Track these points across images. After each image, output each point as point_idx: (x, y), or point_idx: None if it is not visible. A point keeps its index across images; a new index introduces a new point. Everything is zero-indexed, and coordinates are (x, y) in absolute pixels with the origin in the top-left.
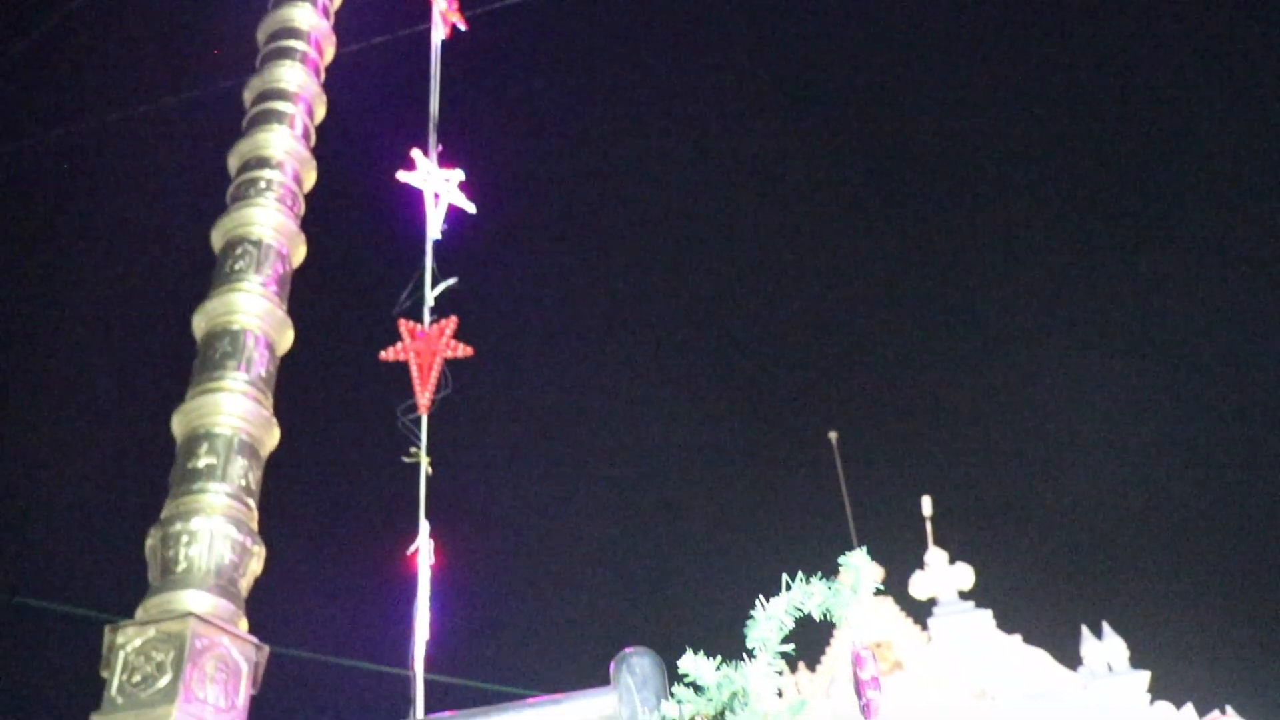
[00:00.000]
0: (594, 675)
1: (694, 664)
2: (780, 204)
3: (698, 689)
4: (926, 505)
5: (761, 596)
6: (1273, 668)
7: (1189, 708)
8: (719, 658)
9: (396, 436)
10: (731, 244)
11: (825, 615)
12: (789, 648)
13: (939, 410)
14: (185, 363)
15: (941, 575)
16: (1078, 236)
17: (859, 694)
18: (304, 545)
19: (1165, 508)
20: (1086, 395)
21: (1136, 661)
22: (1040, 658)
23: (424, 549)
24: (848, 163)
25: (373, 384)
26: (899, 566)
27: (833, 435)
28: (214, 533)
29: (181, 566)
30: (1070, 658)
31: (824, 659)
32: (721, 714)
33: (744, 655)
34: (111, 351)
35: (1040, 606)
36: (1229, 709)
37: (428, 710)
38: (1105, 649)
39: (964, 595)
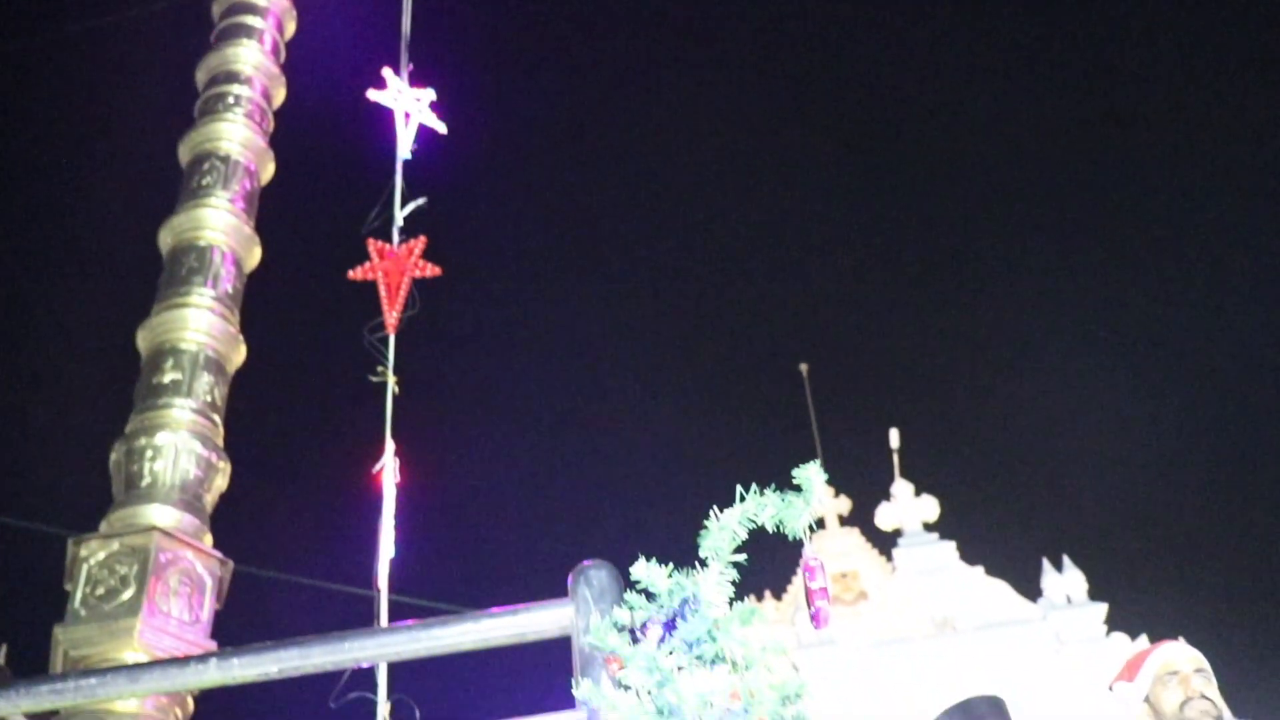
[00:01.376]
0: (554, 590)
1: (646, 571)
2: (757, 139)
3: (650, 596)
4: (894, 438)
5: (716, 508)
6: (1225, 601)
7: (1143, 639)
8: (671, 565)
9: (363, 355)
10: (707, 177)
11: (778, 527)
12: (741, 558)
13: (909, 344)
14: (151, 278)
15: (907, 507)
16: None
17: (809, 603)
18: (269, 462)
19: (1128, 445)
20: (1055, 332)
21: (1095, 594)
22: (1001, 589)
23: (389, 468)
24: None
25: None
26: (866, 498)
27: (803, 367)
28: (179, 448)
29: (146, 481)
30: (1031, 589)
31: (789, 588)
32: (673, 620)
33: (698, 566)
34: (76, 266)
35: (1003, 539)
36: (1181, 640)
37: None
38: (1065, 581)
39: (929, 527)
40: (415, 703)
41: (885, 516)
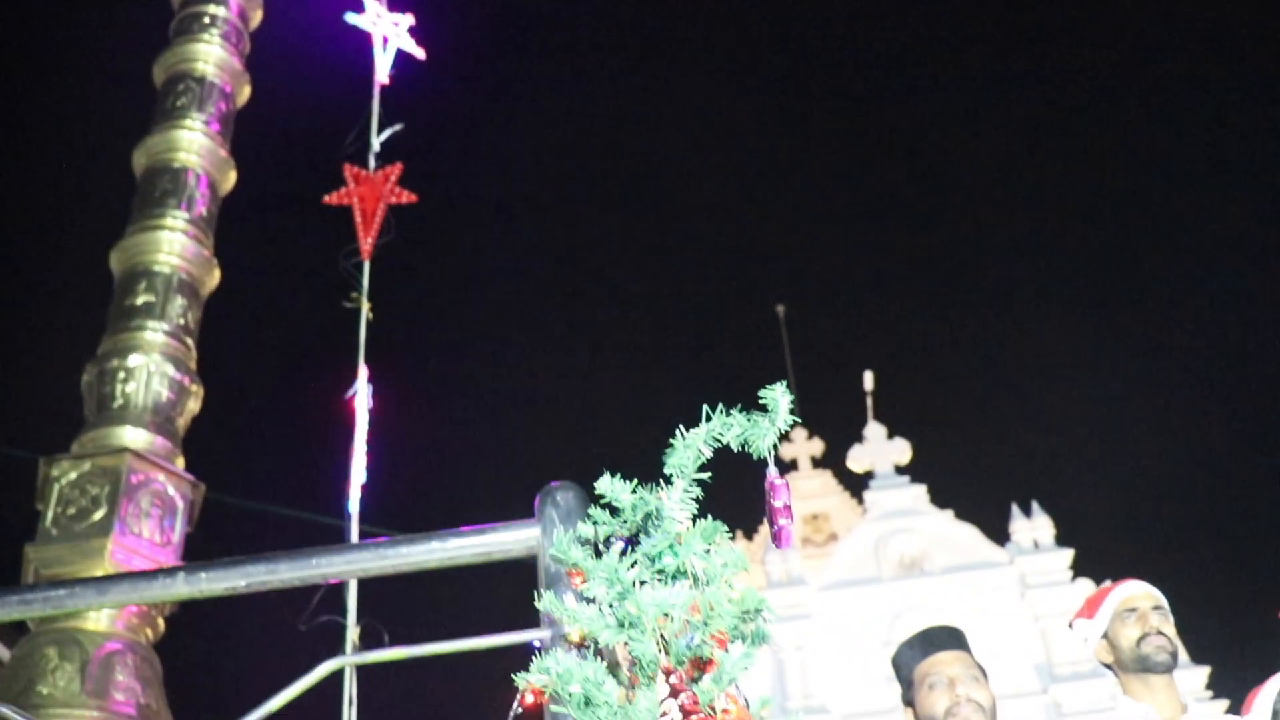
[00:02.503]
0: (521, 512)
1: (610, 486)
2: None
3: (614, 511)
4: (868, 380)
5: (681, 427)
6: (1188, 549)
7: (1107, 584)
8: (635, 481)
9: (338, 281)
10: (691, 115)
11: (743, 446)
12: (705, 475)
13: (886, 288)
14: (125, 199)
15: (879, 449)
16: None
17: (772, 522)
18: (242, 387)
19: (1100, 394)
20: (1032, 279)
21: (1062, 540)
22: (970, 533)
23: (362, 394)
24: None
25: (315, 228)
26: (839, 441)
27: (779, 309)
28: (151, 370)
29: (118, 403)
30: (1000, 534)
31: (760, 529)
32: (636, 535)
33: (662, 485)
34: (49, 186)
35: (974, 484)
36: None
37: None
38: (1033, 526)
39: (900, 470)
40: (384, 627)
41: (857, 458)
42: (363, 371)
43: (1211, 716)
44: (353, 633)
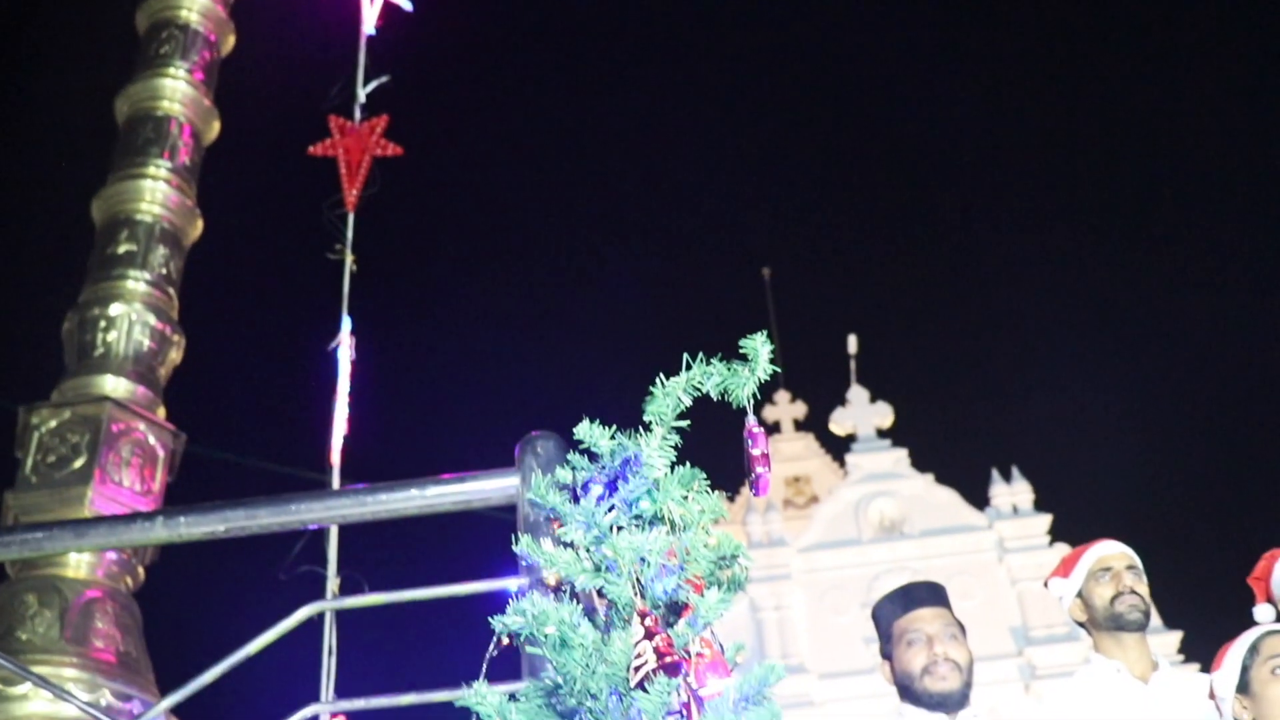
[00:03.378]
0: (504, 463)
1: (589, 431)
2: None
3: (592, 457)
4: (852, 344)
5: (661, 375)
6: (1165, 517)
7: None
8: (614, 427)
9: (322, 233)
10: (679, 76)
11: (722, 395)
12: (684, 424)
13: (871, 252)
14: (108, 146)
15: (861, 413)
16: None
17: (750, 469)
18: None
19: (1082, 361)
20: (1017, 244)
21: (1041, 505)
22: (950, 497)
23: (344, 346)
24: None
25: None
26: (822, 404)
27: (765, 271)
28: (132, 319)
29: (98, 351)
30: (979, 498)
31: (742, 491)
32: (614, 481)
33: (642, 432)
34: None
35: (955, 448)
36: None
37: None
38: (1012, 492)
39: (882, 433)
40: (364, 581)
41: (839, 421)
42: (345, 323)
43: (1182, 675)
44: (332, 579)
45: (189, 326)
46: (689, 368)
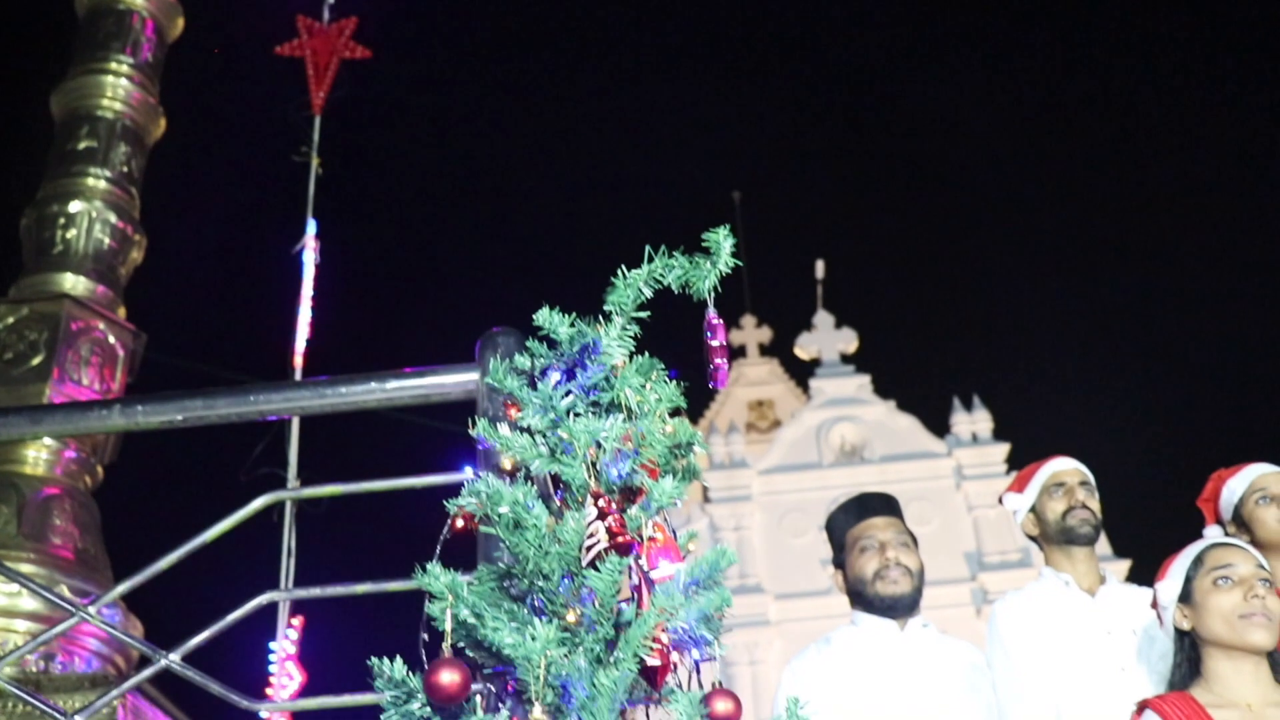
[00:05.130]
0: (463, 357)
1: (548, 318)
2: None
3: (552, 344)
4: (819, 269)
5: (623, 266)
6: (1122, 449)
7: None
8: (574, 315)
9: (288, 134)
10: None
11: (682, 287)
12: (644, 314)
13: (840, 176)
14: (67, 38)
15: (826, 338)
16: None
17: (708, 360)
18: (187, 240)
19: (1044, 294)
20: (985, 170)
21: (1000, 434)
22: (910, 423)
23: (309, 248)
24: None
25: (266, 79)
26: (788, 329)
27: (735, 195)
28: (93, 217)
29: (57, 249)
30: (940, 426)
31: (705, 413)
32: (573, 370)
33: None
34: None
35: (918, 376)
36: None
37: None
38: (972, 420)
39: (846, 359)
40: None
41: (804, 346)
42: (310, 226)
43: (1128, 589)
44: (293, 476)
45: (151, 228)
46: (651, 260)
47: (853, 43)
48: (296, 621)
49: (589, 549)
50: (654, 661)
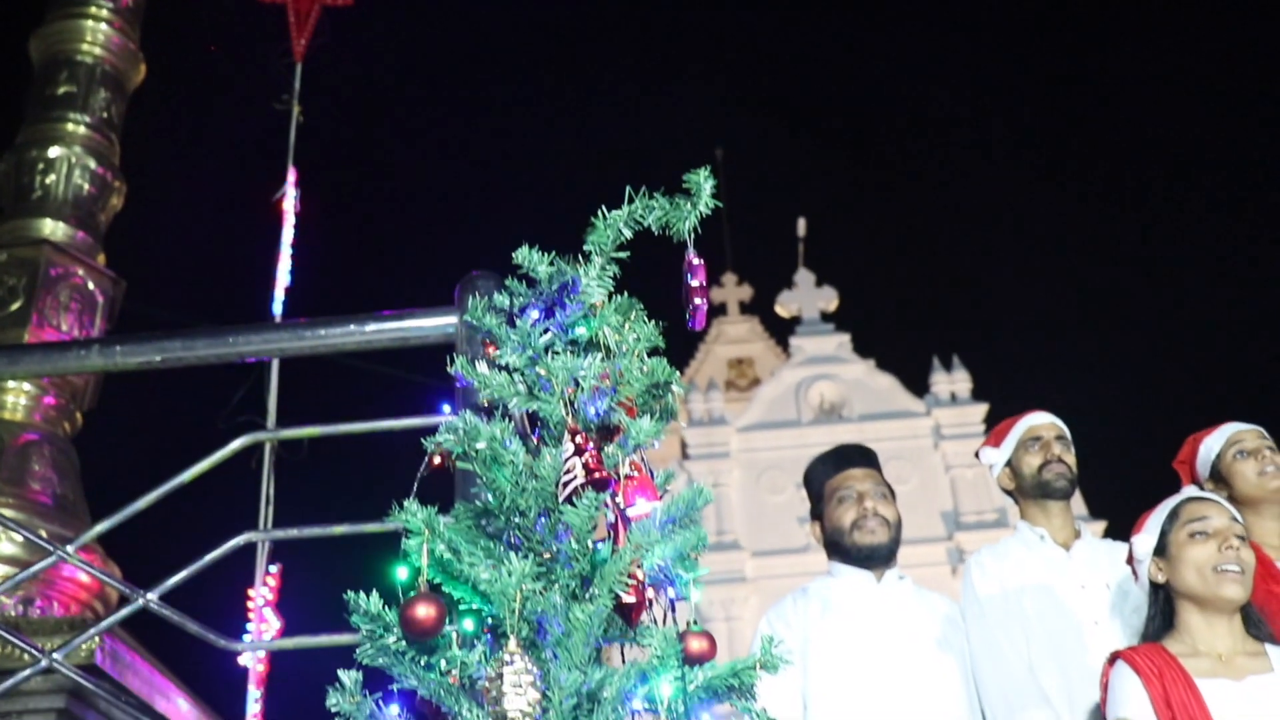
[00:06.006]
0: (443, 300)
1: (527, 256)
2: None
3: (531, 283)
4: (801, 227)
5: (604, 207)
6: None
7: None
8: (553, 253)
9: (269, 82)
10: None
11: (662, 229)
12: (624, 255)
13: (823, 133)
14: None
15: (807, 295)
16: None
17: (687, 300)
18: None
19: (1026, 254)
20: (968, 127)
21: (979, 394)
22: (889, 382)
23: (289, 196)
24: None
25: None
26: (769, 288)
27: (718, 152)
28: (72, 162)
29: (36, 194)
30: (919, 385)
31: (686, 369)
32: (552, 309)
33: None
34: None
35: (898, 335)
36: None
37: None
38: (951, 380)
39: (827, 317)
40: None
41: (785, 304)
42: (291, 174)
43: (1103, 543)
44: (272, 413)
45: (131, 174)
46: (631, 201)
47: (835, 2)
48: (275, 569)
49: (565, 485)
50: (629, 598)
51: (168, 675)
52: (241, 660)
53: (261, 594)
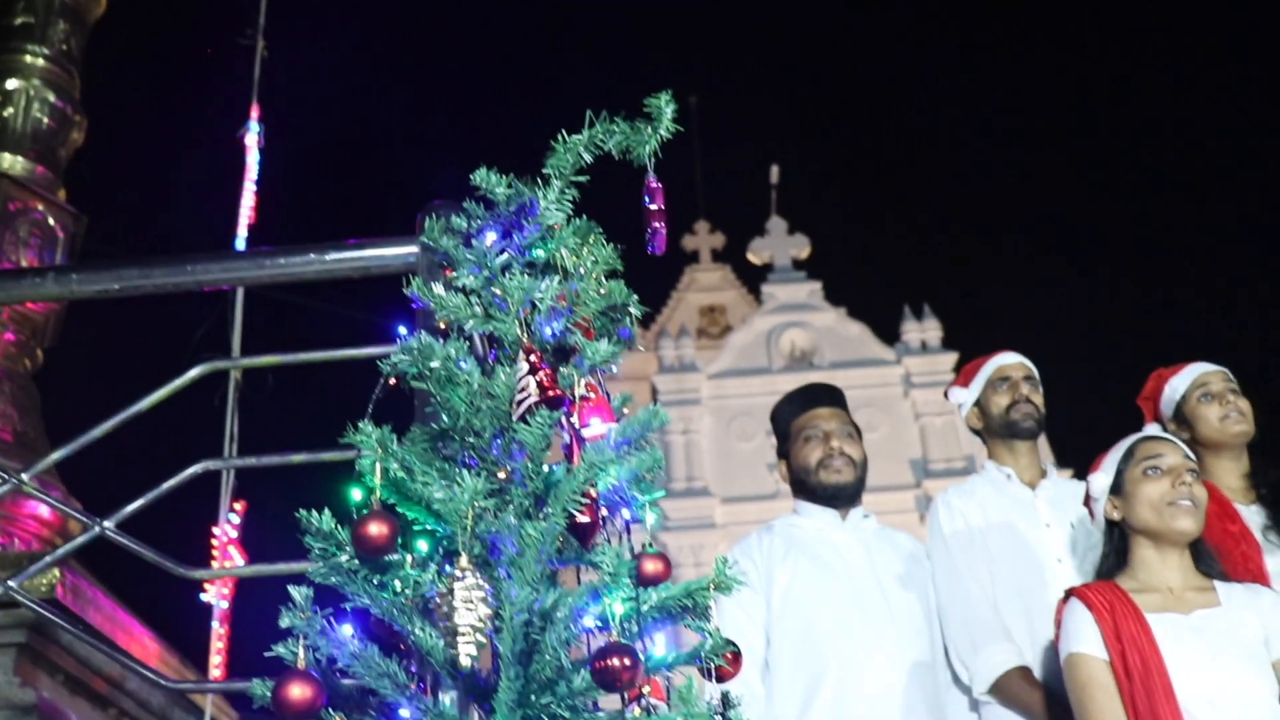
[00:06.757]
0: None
1: (486, 178)
2: None
3: (489, 204)
4: (774, 174)
5: (564, 130)
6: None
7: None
8: (511, 175)
9: (233, 16)
10: None
11: (623, 154)
12: (583, 179)
13: (796, 83)
14: None
15: (779, 243)
16: None
17: (647, 224)
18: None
19: (997, 204)
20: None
21: (949, 343)
22: (860, 330)
23: (253, 132)
24: None
25: None
26: (741, 236)
27: (692, 99)
28: (30, 95)
29: None
30: (890, 334)
31: (657, 318)
32: (509, 229)
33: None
34: None
35: (870, 284)
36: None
37: None
38: (922, 329)
39: (799, 265)
40: (269, 373)
41: (757, 251)
42: (255, 109)
43: (1068, 483)
44: (237, 344)
45: (91, 110)
46: (592, 125)
47: None
48: (239, 506)
49: (519, 403)
50: (583, 518)
51: (130, 612)
52: (205, 597)
53: (225, 531)
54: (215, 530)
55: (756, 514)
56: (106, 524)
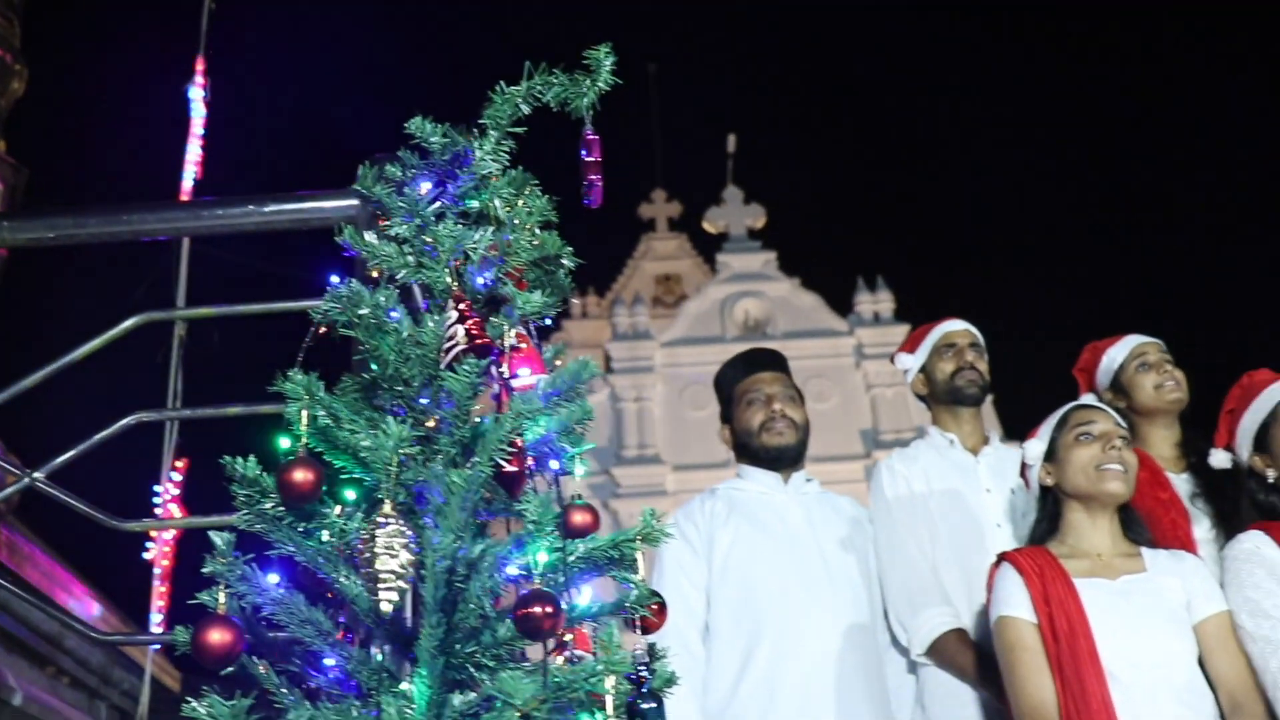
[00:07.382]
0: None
1: (421, 126)
2: None
3: (425, 153)
4: (731, 144)
5: (502, 82)
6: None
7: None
8: (446, 125)
9: None
10: None
11: (561, 106)
12: (520, 129)
13: (755, 52)
14: None
15: (735, 212)
16: None
17: (583, 177)
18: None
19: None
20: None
21: (901, 315)
22: (814, 301)
23: (198, 86)
24: None
25: None
26: (698, 205)
27: (650, 67)
28: None
29: None
30: (844, 305)
31: (612, 286)
32: (444, 180)
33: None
34: None
35: (824, 254)
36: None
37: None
38: (875, 300)
39: (754, 235)
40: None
41: (713, 220)
42: (200, 63)
43: (1010, 450)
44: (179, 330)
45: (34, 60)
46: (530, 76)
47: None
48: (180, 464)
49: (447, 351)
50: (510, 468)
51: (71, 569)
52: (147, 555)
53: (167, 488)
54: (156, 487)
55: (707, 481)
56: (37, 475)
